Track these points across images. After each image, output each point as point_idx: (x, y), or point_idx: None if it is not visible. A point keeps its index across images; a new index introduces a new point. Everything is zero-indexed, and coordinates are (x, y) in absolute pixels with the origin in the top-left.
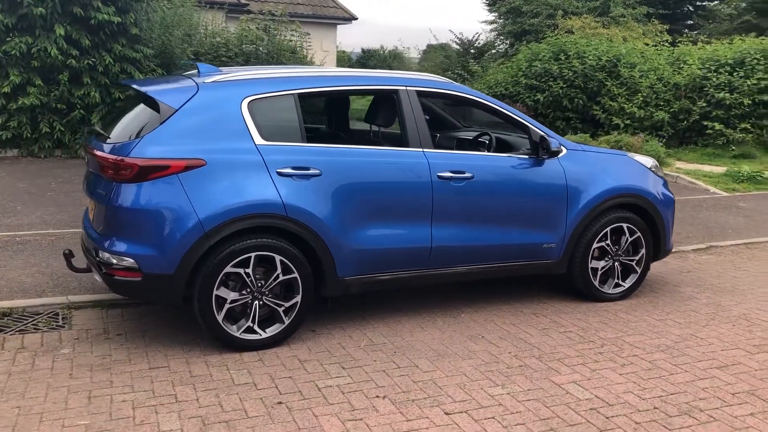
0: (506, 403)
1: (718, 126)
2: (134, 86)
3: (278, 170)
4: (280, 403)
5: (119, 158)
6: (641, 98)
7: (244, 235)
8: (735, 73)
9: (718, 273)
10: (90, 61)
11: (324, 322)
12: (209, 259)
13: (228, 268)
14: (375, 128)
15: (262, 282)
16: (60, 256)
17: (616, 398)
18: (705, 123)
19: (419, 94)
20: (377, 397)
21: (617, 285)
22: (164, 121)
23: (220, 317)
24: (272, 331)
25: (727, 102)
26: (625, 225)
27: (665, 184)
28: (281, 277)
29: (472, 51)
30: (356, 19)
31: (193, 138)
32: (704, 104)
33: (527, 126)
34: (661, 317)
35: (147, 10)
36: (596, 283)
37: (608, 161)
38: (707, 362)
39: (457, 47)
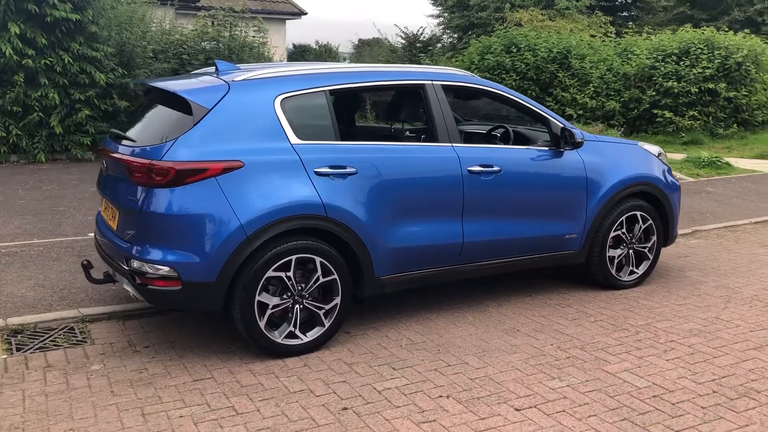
0: (570, 395)
1: (667, 114)
2: (157, 86)
3: (315, 170)
4: (346, 408)
5: (151, 162)
6: (592, 89)
7: (284, 238)
8: (681, 63)
9: (713, 256)
10: (47, 61)
11: (354, 323)
12: (250, 264)
13: (269, 273)
14: (396, 124)
15: (302, 285)
16: (57, 268)
17: (673, 384)
18: (655, 111)
19: (444, 88)
20: (441, 396)
21: (632, 272)
22: (198, 122)
23: (262, 324)
24: (313, 334)
25: (675, 90)
26: (638, 213)
27: (670, 172)
28: (321, 280)
29: (418, 45)
30: (305, 14)
31: (228, 139)
32: (653, 93)
33: (547, 118)
34: (679, 302)
35: (103, 7)
36: (613, 272)
37: (622, 151)
38: (742, 344)
39: (402, 41)
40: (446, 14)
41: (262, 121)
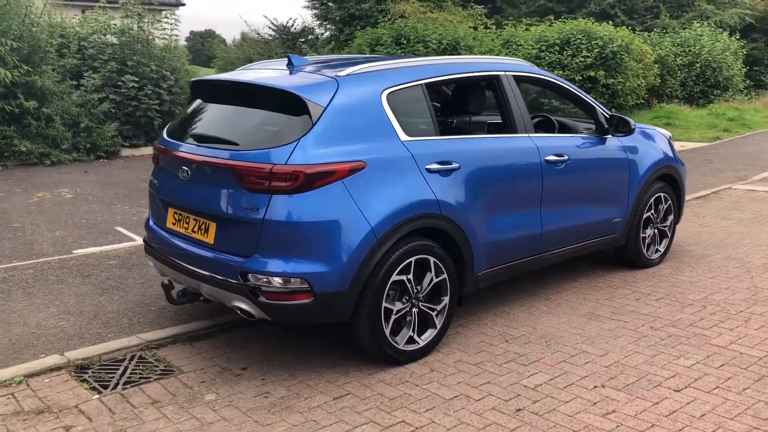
0: (709, 372)
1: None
2: (251, 82)
3: (426, 167)
4: (519, 410)
5: (273, 167)
6: None
7: (406, 240)
8: (564, 52)
9: (694, 231)
10: None
11: None
12: (379, 269)
13: (393, 276)
14: (466, 117)
15: (419, 287)
16: (68, 291)
17: None
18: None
19: (515, 78)
20: (597, 387)
21: (656, 251)
22: (316, 122)
23: (387, 330)
24: (427, 337)
25: None
26: (662, 194)
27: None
28: (434, 280)
29: (288, 37)
30: (183, 5)
31: (346, 138)
32: None
33: (594, 106)
34: (708, 275)
35: None
36: (645, 251)
37: (648, 136)
38: None
39: (272, 33)
40: (317, 5)
41: (373, 117)
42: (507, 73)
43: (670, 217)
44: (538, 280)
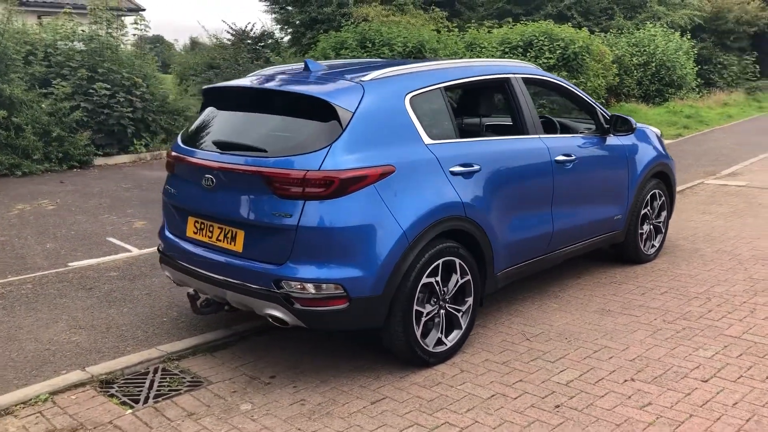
0: (730, 362)
1: None
2: (274, 89)
3: (450, 170)
4: (558, 406)
5: (306, 173)
6: None
7: (434, 242)
8: (528, 54)
9: (680, 226)
10: None
11: None
12: (410, 272)
13: (423, 279)
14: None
15: (445, 289)
16: (74, 305)
17: None
18: None
19: (524, 81)
20: (627, 381)
21: (652, 246)
22: (346, 127)
23: (418, 333)
24: (453, 338)
25: None
26: (657, 191)
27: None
28: (459, 282)
29: (248, 41)
30: (143, 10)
31: (374, 143)
32: None
33: (595, 107)
34: (704, 268)
35: None
36: (642, 247)
37: (642, 134)
38: None
39: (231, 38)
40: (277, 9)
41: (399, 121)
42: (516, 75)
43: (664, 213)
44: (543, 277)
